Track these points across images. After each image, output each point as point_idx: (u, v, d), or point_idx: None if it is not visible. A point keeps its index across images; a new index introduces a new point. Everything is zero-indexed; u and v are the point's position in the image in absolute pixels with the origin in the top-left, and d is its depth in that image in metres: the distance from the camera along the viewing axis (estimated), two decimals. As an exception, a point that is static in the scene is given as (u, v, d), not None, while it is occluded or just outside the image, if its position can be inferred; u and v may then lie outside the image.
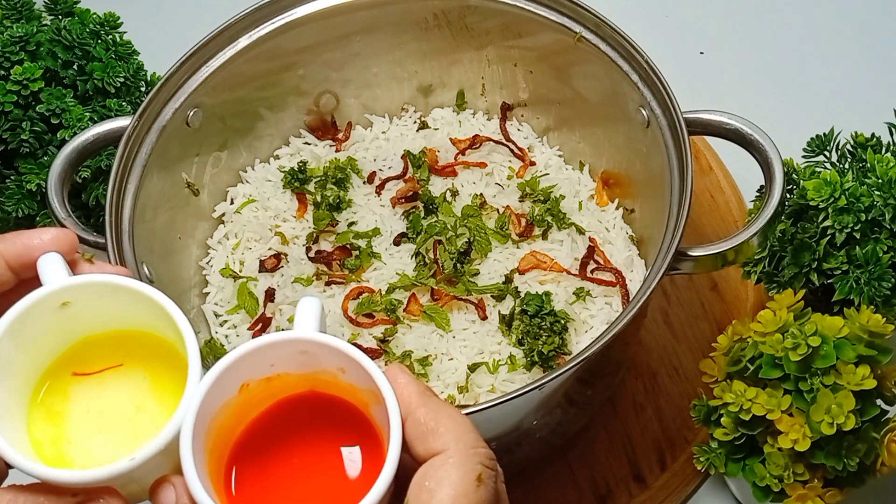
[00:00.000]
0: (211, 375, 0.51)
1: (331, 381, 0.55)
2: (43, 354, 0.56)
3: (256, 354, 0.53)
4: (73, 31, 0.95)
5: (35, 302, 0.53)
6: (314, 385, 0.55)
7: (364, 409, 0.54)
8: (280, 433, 0.56)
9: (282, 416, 0.56)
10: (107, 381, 0.57)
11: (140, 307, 0.55)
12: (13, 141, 0.93)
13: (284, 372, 0.54)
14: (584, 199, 0.98)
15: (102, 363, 0.57)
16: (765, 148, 0.80)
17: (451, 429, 0.51)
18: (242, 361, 0.52)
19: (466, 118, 1.04)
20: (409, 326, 0.89)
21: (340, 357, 0.52)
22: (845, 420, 0.72)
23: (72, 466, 0.54)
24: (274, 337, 0.53)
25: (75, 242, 0.57)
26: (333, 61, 1.00)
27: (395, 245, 0.95)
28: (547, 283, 0.91)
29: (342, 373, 0.54)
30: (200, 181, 0.97)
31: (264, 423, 0.56)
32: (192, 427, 0.50)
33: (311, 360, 0.54)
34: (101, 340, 0.57)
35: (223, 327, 0.94)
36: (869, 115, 0.88)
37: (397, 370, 0.53)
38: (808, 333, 0.74)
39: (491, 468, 0.51)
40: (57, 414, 0.55)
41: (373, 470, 0.50)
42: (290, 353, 0.53)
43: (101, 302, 0.55)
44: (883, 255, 0.80)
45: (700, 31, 1.23)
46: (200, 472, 0.50)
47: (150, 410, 0.56)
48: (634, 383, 0.95)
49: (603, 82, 0.91)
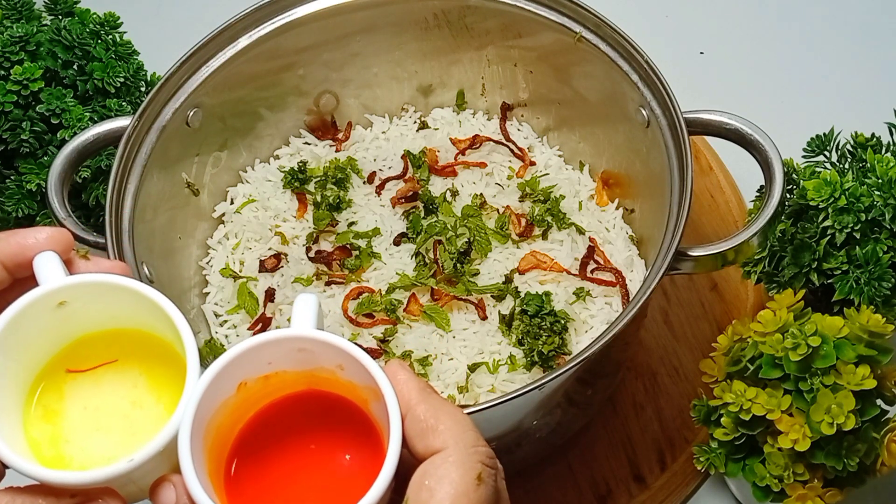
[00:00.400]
0: (208, 375, 0.51)
1: (329, 379, 0.54)
2: (39, 354, 0.56)
3: (254, 352, 0.52)
4: (73, 31, 0.95)
5: (31, 302, 0.53)
6: (313, 383, 0.55)
7: (363, 407, 0.54)
8: (279, 431, 0.55)
9: (280, 414, 0.56)
10: (102, 379, 0.57)
11: (137, 306, 0.55)
12: (13, 141, 0.93)
13: (282, 370, 0.54)
14: (584, 199, 0.98)
15: (97, 360, 0.57)
16: (765, 148, 0.80)
17: (451, 427, 0.50)
18: (240, 360, 0.52)
19: (466, 118, 1.04)
20: (409, 326, 0.89)
21: (338, 354, 0.52)
22: (845, 420, 0.72)
23: (70, 465, 0.54)
24: (271, 334, 0.53)
25: (71, 241, 0.57)
26: (333, 61, 1.00)
27: (395, 245, 0.95)
28: (547, 283, 0.91)
29: (341, 370, 0.53)
30: (200, 181, 0.97)
31: (263, 421, 0.55)
32: (191, 427, 0.50)
33: (309, 357, 0.53)
34: (97, 339, 0.57)
35: (223, 327, 0.94)
36: (869, 115, 0.88)
37: (397, 366, 0.53)
38: (808, 333, 0.74)
39: (491, 466, 0.51)
40: (54, 412, 0.55)
41: (373, 467, 0.50)
42: (287, 350, 0.53)
43: (98, 301, 0.55)
44: (883, 255, 0.80)
45: (700, 31, 1.23)
46: (199, 472, 0.49)
47: (146, 407, 0.56)
48: (634, 383, 0.95)
49: (603, 82, 0.91)
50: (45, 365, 0.56)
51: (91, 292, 0.55)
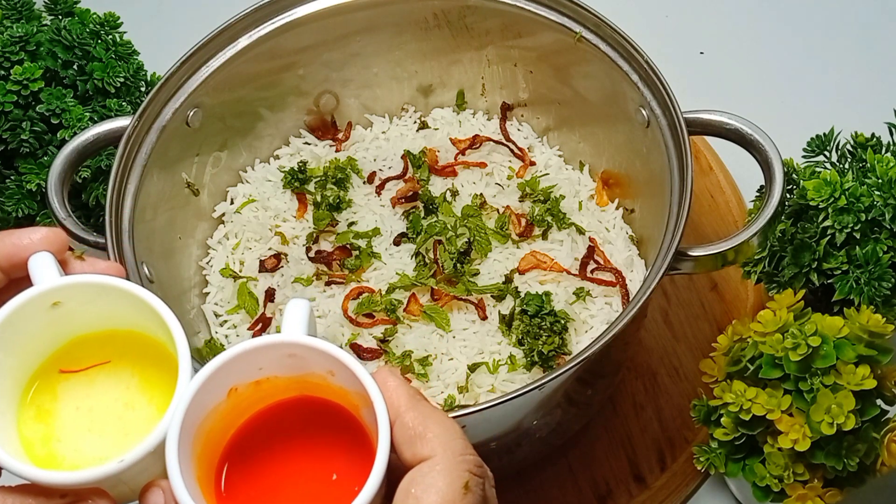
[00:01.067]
0: (197, 380, 0.51)
1: (321, 385, 0.54)
2: (33, 354, 0.56)
3: (244, 358, 0.52)
4: (73, 31, 0.95)
5: (26, 302, 0.53)
6: (304, 388, 0.55)
7: (355, 412, 0.54)
8: (270, 437, 0.55)
9: (272, 419, 0.55)
10: (95, 379, 0.57)
11: (131, 307, 0.55)
12: (13, 141, 0.93)
13: (273, 375, 0.54)
14: (584, 199, 0.98)
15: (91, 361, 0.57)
16: (765, 148, 0.80)
17: (440, 435, 0.50)
18: (230, 365, 0.52)
19: (466, 118, 1.04)
20: (409, 326, 0.89)
21: (329, 360, 0.52)
22: (845, 420, 0.72)
23: (62, 465, 0.54)
24: (261, 340, 0.52)
25: (66, 241, 0.57)
26: (333, 61, 1.00)
27: (395, 245, 0.95)
28: (547, 283, 0.91)
29: (332, 375, 0.53)
30: (200, 181, 0.97)
31: (254, 427, 0.55)
32: (179, 432, 0.50)
33: (300, 363, 0.53)
34: (91, 339, 0.57)
35: (223, 327, 0.94)
36: (869, 115, 0.88)
37: (387, 373, 0.52)
38: (808, 333, 0.74)
39: (479, 475, 0.50)
40: (47, 412, 0.55)
41: (363, 474, 0.49)
42: (278, 356, 0.53)
43: (92, 302, 0.55)
44: (883, 255, 0.80)
45: (700, 31, 1.23)
46: (187, 477, 0.49)
47: (139, 408, 0.56)
48: (634, 383, 0.95)
49: (603, 82, 0.91)
50: (39, 365, 0.56)
51: (85, 293, 0.55)
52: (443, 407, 0.84)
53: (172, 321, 0.53)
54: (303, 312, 0.54)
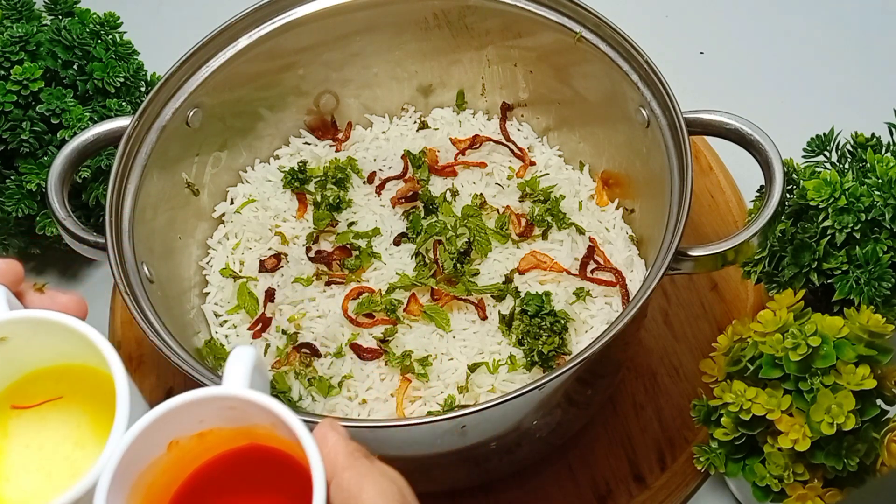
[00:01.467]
0: (130, 435, 0.49)
1: (268, 435, 0.52)
2: None
3: (181, 411, 0.51)
4: (73, 31, 0.96)
5: None
6: (253, 437, 0.53)
7: (304, 463, 0.51)
8: (219, 489, 0.54)
9: (218, 472, 0.54)
10: (47, 417, 0.55)
11: (78, 343, 0.53)
12: (13, 141, 0.93)
13: (217, 427, 0.52)
14: (584, 199, 0.98)
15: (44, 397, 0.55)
16: (765, 148, 0.80)
17: (374, 497, 0.49)
18: (165, 419, 0.50)
19: (466, 118, 1.04)
20: (409, 326, 0.89)
21: (267, 414, 0.50)
22: (845, 420, 0.72)
23: None
24: (197, 393, 0.51)
25: (19, 273, 0.56)
26: (333, 61, 1.00)
27: (395, 245, 0.95)
28: (547, 283, 0.91)
29: (275, 427, 0.52)
30: (200, 181, 0.97)
31: (202, 478, 0.53)
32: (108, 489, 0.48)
33: (241, 415, 0.52)
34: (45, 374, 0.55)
35: (223, 327, 0.94)
36: (869, 115, 0.88)
37: (328, 427, 0.51)
38: (808, 333, 0.74)
39: None
40: None
41: None
42: (217, 408, 0.51)
43: (39, 337, 0.54)
44: (883, 255, 0.80)
45: (700, 31, 1.23)
46: None
47: (88, 447, 0.54)
48: (634, 383, 0.95)
49: (603, 82, 0.91)
50: None
51: (29, 328, 0.53)
52: (443, 407, 0.84)
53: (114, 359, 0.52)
54: (245, 363, 0.52)
